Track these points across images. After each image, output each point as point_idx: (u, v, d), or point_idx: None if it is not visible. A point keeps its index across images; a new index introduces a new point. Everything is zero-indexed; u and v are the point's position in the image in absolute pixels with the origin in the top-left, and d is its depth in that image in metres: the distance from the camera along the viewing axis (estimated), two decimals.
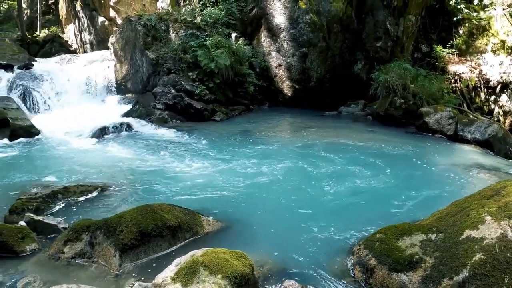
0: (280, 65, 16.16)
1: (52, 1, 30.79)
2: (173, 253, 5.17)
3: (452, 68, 15.88)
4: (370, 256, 4.76)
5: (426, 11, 16.61)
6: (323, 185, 7.82)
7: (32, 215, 6.02)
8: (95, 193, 7.33)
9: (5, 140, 11.71)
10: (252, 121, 13.88)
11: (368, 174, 8.47)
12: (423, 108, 12.98)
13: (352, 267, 4.92)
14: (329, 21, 15.46)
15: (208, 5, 17.19)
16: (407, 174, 8.52)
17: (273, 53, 16.27)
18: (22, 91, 14.91)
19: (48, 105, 14.95)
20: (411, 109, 13.33)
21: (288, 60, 15.93)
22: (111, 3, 22.65)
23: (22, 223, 5.84)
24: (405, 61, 15.36)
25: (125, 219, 5.21)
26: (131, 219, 5.20)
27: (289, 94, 16.20)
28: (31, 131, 12.18)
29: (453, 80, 15.68)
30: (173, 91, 14.35)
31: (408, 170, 8.76)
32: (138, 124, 13.07)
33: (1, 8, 33.16)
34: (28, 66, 17.07)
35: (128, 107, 14.81)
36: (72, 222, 6.03)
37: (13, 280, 4.69)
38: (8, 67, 16.76)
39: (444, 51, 16.09)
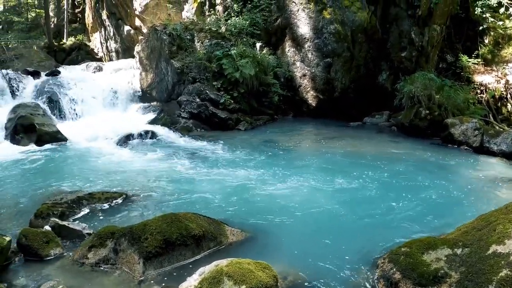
0: (304, 75, 16.11)
1: (78, 10, 31.16)
2: (197, 262, 5.13)
3: (477, 78, 15.70)
4: (394, 270, 4.68)
5: (451, 21, 16.46)
6: (347, 197, 7.75)
7: (57, 220, 6.08)
8: (119, 200, 7.36)
9: (32, 145, 11.91)
10: (277, 131, 13.82)
11: (392, 186, 8.38)
12: (449, 119, 12.78)
13: (376, 281, 4.84)
14: (354, 31, 15.38)
15: (232, 15, 17.26)
16: (432, 187, 8.37)
17: (298, 63, 16.23)
18: (49, 98, 15.14)
19: (74, 112, 15.13)
20: (437, 120, 13.13)
21: (313, 70, 15.86)
22: (137, 13, 22.90)
23: (47, 227, 5.90)
24: (430, 71, 15.18)
25: (150, 227, 5.21)
26: (156, 227, 5.21)
27: (314, 104, 16.11)
28: (57, 137, 12.34)
29: (478, 91, 15.50)
30: (198, 100, 14.39)
31: (433, 182, 8.61)
32: (163, 132, 13.09)
33: (29, 16, 33.65)
34: (55, 73, 17.31)
35: (153, 115, 14.90)
36: (96, 228, 6.08)
37: (37, 284, 4.73)
38: (35, 74, 17.05)
39: (469, 61, 15.92)
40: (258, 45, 16.30)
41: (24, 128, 12.42)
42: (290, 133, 13.60)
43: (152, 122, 14.21)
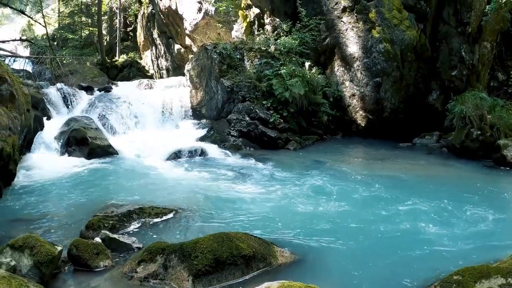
0: (353, 95, 15.98)
1: (130, 29, 31.94)
2: (246, 283, 5.11)
3: None
4: None
5: (501, 38, 16.11)
6: (397, 219, 7.58)
7: (107, 232, 6.16)
8: (169, 216, 7.41)
9: (83, 158, 12.18)
10: (326, 151, 13.69)
11: (443, 210, 8.14)
12: (501, 140, 12.41)
13: None
14: (403, 50, 15.19)
15: (282, 34, 17.28)
16: (484, 212, 8.09)
17: (347, 83, 16.12)
18: (101, 112, 15.51)
19: (125, 127, 15.42)
20: (488, 142, 12.75)
21: (362, 90, 15.72)
22: (187, 32, 23.21)
23: (97, 239, 5.98)
24: (481, 90, 14.84)
25: (201, 245, 5.21)
26: (207, 245, 5.20)
27: (363, 124, 15.95)
28: (108, 151, 12.59)
29: None
30: (247, 118, 14.45)
31: (485, 207, 8.32)
32: (212, 150, 13.15)
33: (83, 34, 34.56)
34: (107, 89, 17.75)
35: (203, 132, 15.02)
36: (145, 242, 6.13)
37: None
38: (88, 89, 17.55)
39: None
40: (307, 64, 16.27)
41: (76, 141, 12.71)
42: (340, 153, 13.50)
43: (202, 139, 14.29)
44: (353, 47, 15.77)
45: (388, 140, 15.12)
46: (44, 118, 14.07)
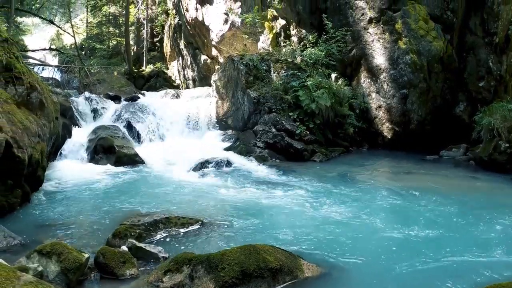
0: (380, 107, 15.86)
1: (157, 39, 32.24)
2: None
3: None
4: None
5: None
6: (425, 234, 7.44)
7: (134, 241, 6.15)
8: (195, 226, 7.38)
9: (110, 166, 12.33)
10: (352, 164, 13.55)
11: (472, 224, 8.00)
12: None
13: None
14: (430, 61, 15.03)
15: (308, 45, 17.25)
16: None
17: (373, 94, 16.01)
18: (128, 121, 15.69)
19: (152, 136, 15.52)
20: None
21: (388, 102, 15.59)
22: (213, 43, 23.34)
23: (124, 248, 6.00)
24: (509, 101, 14.59)
25: (228, 257, 5.17)
26: (234, 258, 5.16)
27: (389, 137, 15.81)
28: (135, 160, 12.69)
29: None
30: (273, 130, 14.41)
31: None
32: (238, 161, 13.14)
33: (110, 44, 35.03)
34: (134, 98, 17.95)
35: (228, 143, 15.07)
36: (172, 252, 6.14)
37: None
38: (116, 98, 17.78)
39: None
40: (333, 76, 16.20)
41: (104, 149, 12.87)
42: (366, 166, 13.37)
43: (228, 149, 14.33)
44: (379, 59, 15.68)
45: (414, 153, 14.92)
46: (72, 126, 14.27)
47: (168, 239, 6.86)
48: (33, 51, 23.66)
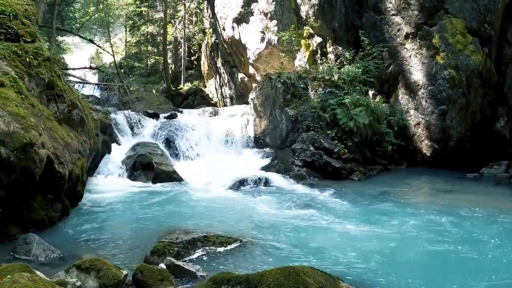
0: (418, 124, 15.60)
1: (194, 58, 32.63)
2: None
3: None
4: None
5: None
6: (466, 256, 7.22)
7: (172, 259, 6.15)
8: (233, 245, 7.32)
9: (149, 183, 12.52)
10: (391, 183, 13.32)
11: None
12: None
13: None
14: (468, 76, 14.69)
15: (345, 63, 17.17)
16: None
17: (411, 111, 15.77)
18: (167, 139, 15.85)
19: (190, 154, 15.61)
20: None
21: (427, 118, 15.31)
22: (250, 61, 23.45)
23: (162, 265, 5.98)
24: None
25: (267, 278, 5.09)
26: (273, 279, 5.08)
27: (428, 154, 15.51)
28: (173, 177, 12.81)
29: None
30: (312, 148, 14.32)
31: None
32: (276, 179, 13.05)
33: (148, 63, 35.61)
34: (172, 116, 18.16)
35: (266, 161, 15.04)
36: (209, 271, 6.09)
37: None
38: (154, 116, 18.01)
39: None
40: (370, 93, 16.07)
41: (142, 166, 13.03)
42: (405, 185, 13.12)
43: (266, 168, 14.30)
44: (417, 74, 15.47)
45: (454, 170, 14.57)
46: (112, 143, 14.48)
47: (206, 258, 6.82)
48: (74, 69, 24.15)
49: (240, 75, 25.44)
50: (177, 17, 33.64)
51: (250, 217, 9.32)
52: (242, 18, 23.03)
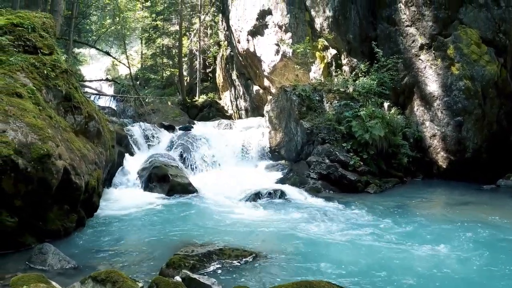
0: (434, 135, 15.51)
1: (209, 70, 32.72)
2: None
3: None
4: None
5: None
6: (487, 270, 7.16)
7: (188, 272, 6.10)
8: (249, 259, 7.29)
9: (164, 195, 12.47)
10: (407, 195, 13.19)
11: None
12: None
13: None
14: (484, 86, 14.60)
15: (360, 75, 17.13)
16: None
17: (427, 123, 15.69)
18: (182, 151, 15.87)
19: (205, 166, 15.65)
20: None
21: (443, 130, 15.22)
22: (265, 73, 23.48)
23: (177, 278, 5.92)
24: None
25: None
26: None
27: (444, 166, 15.40)
28: (188, 189, 12.80)
29: None
30: (327, 161, 14.28)
31: None
32: (292, 192, 12.97)
33: (164, 75, 35.82)
34: (188, 128, 18.26)
35: (282, 173, 15.00)
36: (225, 285, 6.09)
37: None
38: (170, 128, 18.10)
39: None
40: (386, 105, 16.03)
41: (158, 178, 13.04)
42: (421, 197, 13.00)
43: (281, 181, 14.26)
44: (432, 86, 15.40)
45: (470, 182, 14.41)
46: (127, 154, 14.55)
47: (221, 271, 6.80)
48: (90, 81, 24.37)
49: (255, 88, 25.47)
50: (192, 29, 33.82)
51: (265, 230, 9.28)
52: (257, 31, 23.08)
